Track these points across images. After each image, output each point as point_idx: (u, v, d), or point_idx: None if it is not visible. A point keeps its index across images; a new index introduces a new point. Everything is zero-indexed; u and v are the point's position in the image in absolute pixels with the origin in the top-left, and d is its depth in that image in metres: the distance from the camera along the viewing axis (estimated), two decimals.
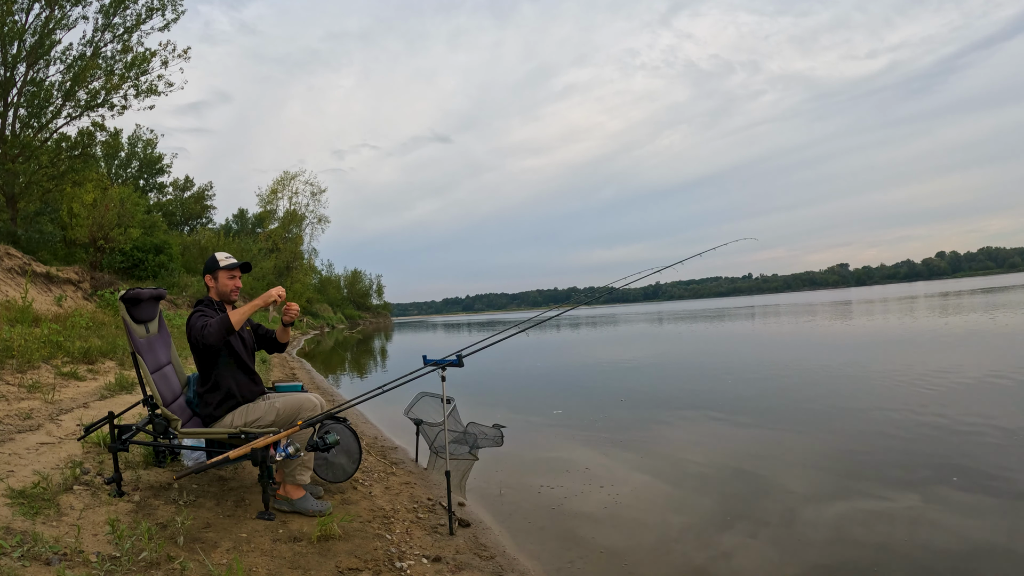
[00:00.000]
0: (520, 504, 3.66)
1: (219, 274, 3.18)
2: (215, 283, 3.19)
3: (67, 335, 7.24)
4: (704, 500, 3.59)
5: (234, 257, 3.29)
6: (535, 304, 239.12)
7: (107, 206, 17.05)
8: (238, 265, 3.24)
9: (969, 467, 3.82)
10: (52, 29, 15.34)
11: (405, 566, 2.54)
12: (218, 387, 3.03)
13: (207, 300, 3.16)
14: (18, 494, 2.50)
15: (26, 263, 13.53)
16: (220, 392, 3.02)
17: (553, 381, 9.41)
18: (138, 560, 2.21)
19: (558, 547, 3.01)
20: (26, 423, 3.77)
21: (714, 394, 7.13)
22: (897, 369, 7.88)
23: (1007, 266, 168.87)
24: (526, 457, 4.76)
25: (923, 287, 76.85)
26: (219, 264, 3.19)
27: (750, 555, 2.81)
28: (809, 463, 4.20)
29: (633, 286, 3.69)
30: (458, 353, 3.15)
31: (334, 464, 3.56)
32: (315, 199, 51.78)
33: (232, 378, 3.06)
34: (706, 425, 5.56)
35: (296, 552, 2.55)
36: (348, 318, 54.84)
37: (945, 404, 5.60)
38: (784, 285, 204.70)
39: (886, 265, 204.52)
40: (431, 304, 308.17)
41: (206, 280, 3.23)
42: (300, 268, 48.54)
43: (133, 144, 33.44)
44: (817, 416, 5.60)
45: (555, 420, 6.15)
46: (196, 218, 40.44)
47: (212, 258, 3.24)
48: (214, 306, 3.14)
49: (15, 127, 15.65)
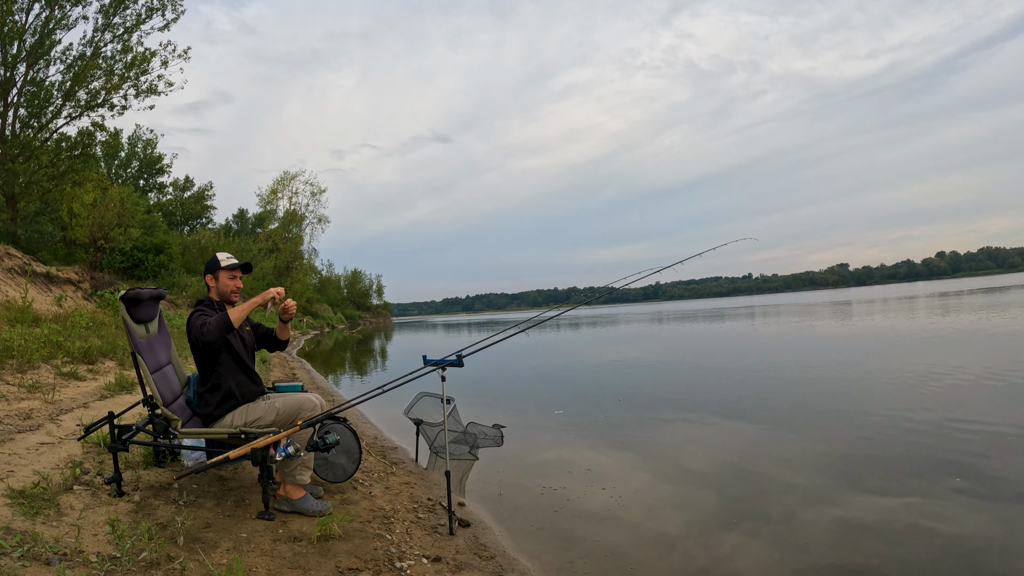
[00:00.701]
0: (520, 504, 3.66)
1: (220, 274, 3.19)
2: (216, 283, 3.19)
3: (67, 335, 7.24)
4: (705, 500, 3.59)
5: (235, 257, 3.30)
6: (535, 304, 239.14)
7: (107, 206, 17.05)
8: (239, 265, 3.25)
9: (971, 467, 3.81)
10: (52, 29, 15.34)
11: (405, 566, 2.54)
12: (218, 387, 3.03)
13: (207, 300, 3.16)
14: (18, 494, 2.50)
15: (26, 263, 13.54)
16: (220, 392, 3.02)
17: (553, 381, 9.41)
18: (138, 560, 2.21)
19: (558, 547, 3.01)
20: (26, 423, 3.77)
21: (714, 394, 7.13)
22: (898, 369, 7.88)
23: (1007, 266, 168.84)
24: (526, 457, 4.75)
25: (923, 287, 76.86)
26: (220, 264, 3.19)
27: (751, 555, 2.81)
28: (810, 463, 4.20)
29: (633, 286, 3.69)
30: (458, 353, 3.15)
31: (334, 464, 3.56)
32: (315, 199, 51.80)
33: (232, 378, 3.06)
34: (707, 425, 5.56)
35: (296, 552, 2.55)
36: (348, 318, 54.84)
37: (946, 404, 5.60)
38: (784, 285, 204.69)
39: (886, 265, 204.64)
40: (431, 304, 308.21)
41: (207, 280, 3.23)
42: (300, 268, 48.54)
43: (133, 144, 33.45)
44: (818, 416, 5.60)
45: (555, 420, 6.15)
46: (196, 218, 40.44)
47: (213, 258, 3.24)
48: (214, 306, 3.14)
49: (15, 127, 15.65)
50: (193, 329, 2.93)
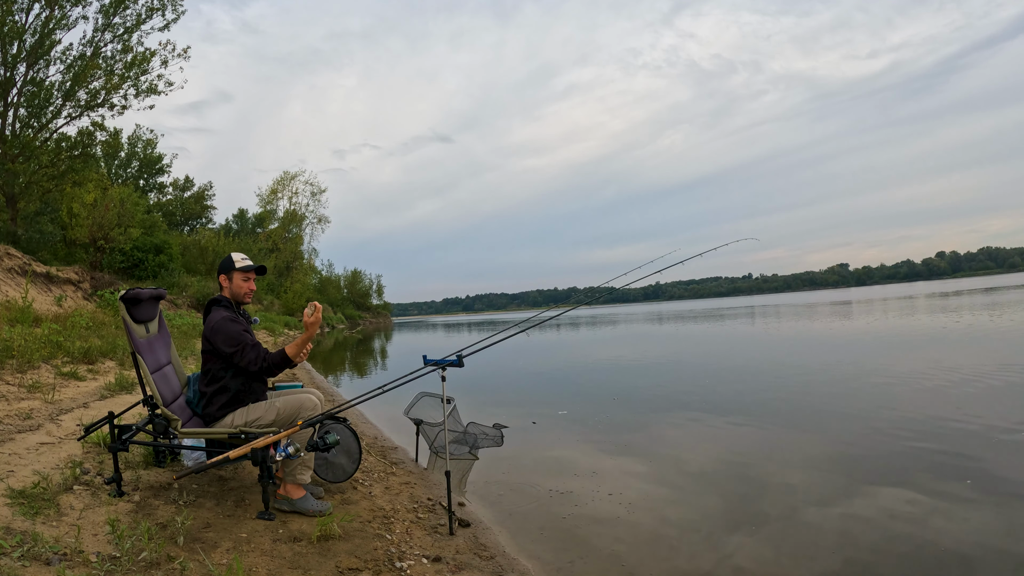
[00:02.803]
0: (520, 504, 3.66)
1: (234, 275, 3.14)
2: (229, 284, 3.15)
3: (67, 335, 7.24)
4: (706, 501, 3.59)
5: (250, 259, 3.25)
6: (535, 304, 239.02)
7: (107, 206, 17.06)
8: (254, 268, 3.19)
9: (975, 467, 3.81)
10: (52, 29, 15.35)
11: (405, 566, 2.54)
12: (227, 389, 3.02)
13: (224, 300, 3.13)
14: (18, 494, 2.50)
15: (26, 263, 13.54)
16: (228, 394, 3.02)
17: (554, 381, 9.41)
18: (138, 560, 2.21)
19: (558, 547, 3.01)
20: (26, 423, 3.77)
21: (715, 394, 7.13)
22: (898, 368, 7.88)
23: (1007, 266, 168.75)
24: (526, 457, 4.75)
25: (923, 287, 76.86)
26: (235, 265, 3.14)
27: (752, 555, 2.80)
28: (812, 463, 4.19)
29: (633, 286, 3.69)
30: (458, 353, 3.15)
31: (334, 464, 3.56)
32: (315, 199, 51.89)
33: (241, 381, 3.05)
34: (708, 425, 5.56)
35: (296, 552, 2.55)
36: (348, 318, 54.80)
37: (949, 403, 5.60)
38: (784, 285, 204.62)
39: (886, 265, 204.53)
40: (431, 304, 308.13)
41: (220, 280, 3.18)
42: (300, 268, 48.58)
43: (133, 144, 33.47)
44: (820, 416, 5.60)
45: (555, 420, 6.15)
46: (196, 218, 40.44)
47: (228, 258, 3.18)
48: (232, 307, 3.13)
49: (15, 127, 15.65)
50: (246, 352, 2.91)
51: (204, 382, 3.09)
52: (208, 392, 3.05)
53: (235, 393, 3.02)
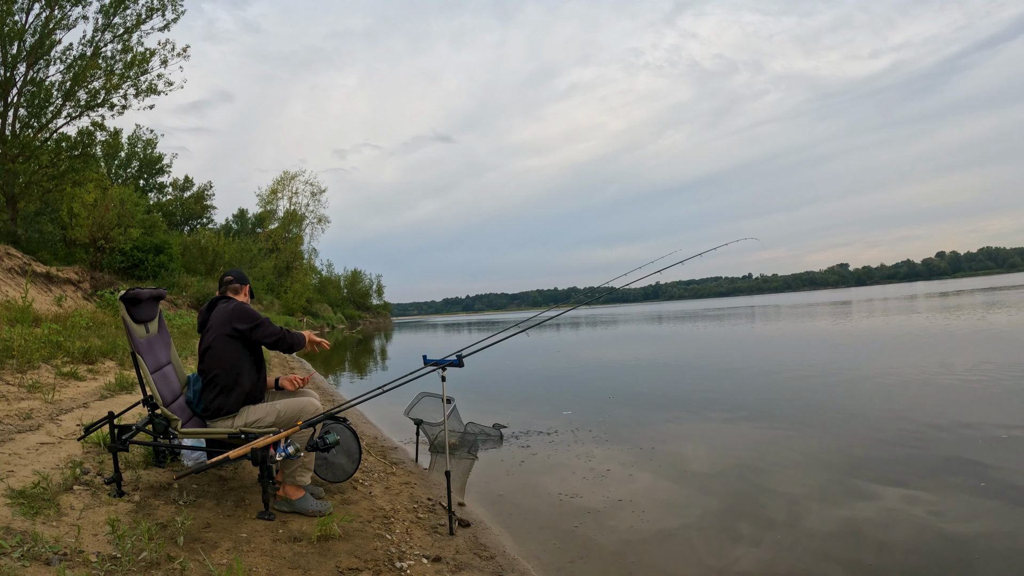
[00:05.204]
0: (520, 504, 3.66)
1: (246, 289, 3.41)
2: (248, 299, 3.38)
3: (67, 335, 7.24)
4: (707, 501, 3.59)
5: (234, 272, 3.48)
6: (535, 304, 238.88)
7: (107, 206, 17.07)
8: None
9: (978, 467, 3.81)
10: (52, 29, 15.36)
11: (405, 566, 2.54)
12: (238, 383, 3.03)
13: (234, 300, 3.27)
14: (18, 494, 2.50)
15: (26, 263, 13.54)
16: (240, 389, 3.03)
17: (554, 381, 9.41)
18: (138, 560, 2.20)
19: (558, 547, 3.01)
20: (26, 423, 3.76)
21: (716, 394, 7.13)
22: (899, 368, 7.88)
23: (1007, 266, 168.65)
24: (526, 457, 4.75)
25: (923, 287, 76.86)
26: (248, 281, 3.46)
27: (753, 556, 2.80)
28: (815, 463, 4.19)
29: (633, 286, 3.69)
30: (458, 353, 3.15)
31: (334, 464, 3.56)
32: (315, 199, 51.89)
33: (249, 378, 3.08)
34: (707, 425, 5.56)
35: (296, 552, 2.55)
36: (348, 318, 54.80)
37: (951, 403, 5.60)
38: (784, 285, 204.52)
39: (886, 265, 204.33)
40: (431, 304, 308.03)
41: (244, 289, 3.35)
42: (300, 268, 48.57)
43: (133, 144, 33.51)
44: (821, 416, 5.60)
45: (555, 420, 6.14)
46: (196, 218, 40.46)
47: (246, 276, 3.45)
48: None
49: (15, 127, 15.66)
50: (265, 325, 3.07)
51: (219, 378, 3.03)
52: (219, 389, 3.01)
53: (243, 390, 3.03)
